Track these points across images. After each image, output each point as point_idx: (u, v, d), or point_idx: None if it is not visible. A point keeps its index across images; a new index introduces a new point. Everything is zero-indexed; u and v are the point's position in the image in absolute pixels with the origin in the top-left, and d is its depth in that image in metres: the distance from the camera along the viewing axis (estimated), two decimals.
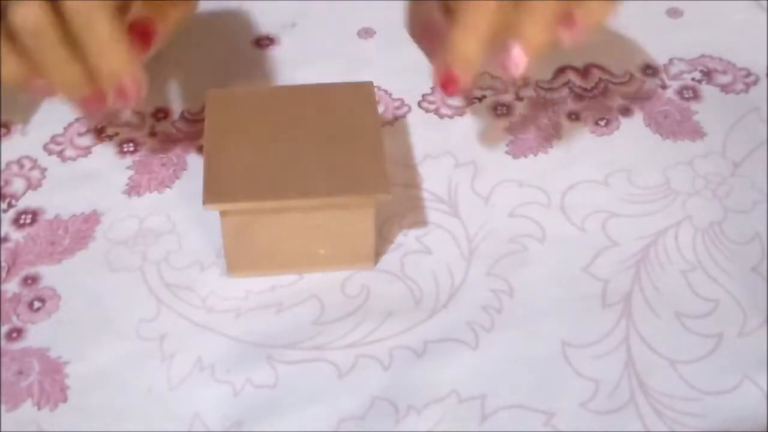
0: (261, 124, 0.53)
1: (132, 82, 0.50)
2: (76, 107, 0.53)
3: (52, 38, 0.49)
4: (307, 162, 0.51)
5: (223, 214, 0.50)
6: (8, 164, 0.58)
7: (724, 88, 0.62)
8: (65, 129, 0.59)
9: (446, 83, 0.51)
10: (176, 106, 0.61)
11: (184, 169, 0.58)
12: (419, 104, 0.61)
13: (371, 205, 0.51)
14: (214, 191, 0.50)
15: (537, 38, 0.50)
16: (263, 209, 0.50)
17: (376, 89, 0.55)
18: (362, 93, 0.55)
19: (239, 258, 0.52)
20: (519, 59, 0.50)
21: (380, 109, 0.59)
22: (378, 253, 0.53)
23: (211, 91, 0.55)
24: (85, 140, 0.59)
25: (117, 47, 0.50)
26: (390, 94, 0.61)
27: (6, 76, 0.51)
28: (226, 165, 0.51)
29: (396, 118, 0.60)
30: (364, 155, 0.51)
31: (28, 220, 0.55)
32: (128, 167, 0.57)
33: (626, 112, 0.60)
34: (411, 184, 0.56)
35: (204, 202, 0.49)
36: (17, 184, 0.57)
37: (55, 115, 0.60)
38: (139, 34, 0.52)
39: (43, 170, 0.57)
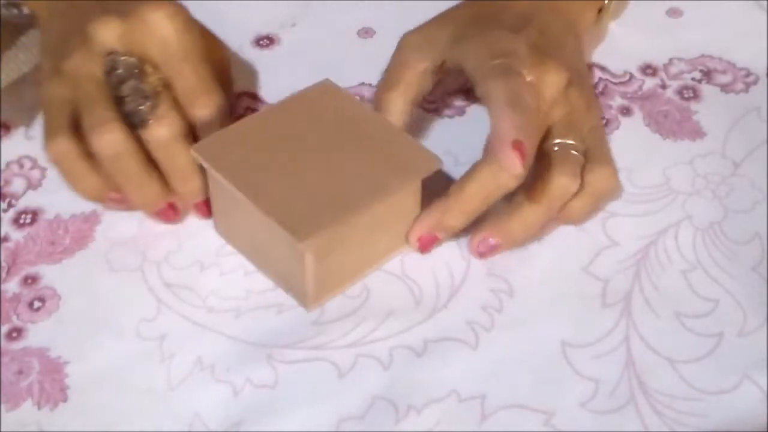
0: (272, 154, 0.51)
1: (207, 203, 0.54)
2: (150, 217, 0.54)
3: (130, 162, 0.51)
4: (345, 170, 0.50)
5: (308, 248, 0.48)
6: (8, 164, 0.58)
7: (724, 88, 0.62)
8: None
9: (425, 245, 0.52)
10: None
11: None
12: (419, 104, 0.61)
13: (419, 183, 0.51)
14: (299, 228, 0.47)
15: (518, 237, 0.52)
16: (346, 228, 0.49)
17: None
18: (329, 91, 0.54)
19: (321, 286, 0.51)
20: (490, 249, 0.52)
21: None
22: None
23: (194, 147, 0.51)
24: None
25: (196, 174, 0.52)
26: None
27: (84, 192, 0.53)
28: (281, 203, 0.49)
29: None
30: (390, 141, 0.51)
31: (28, 220, 0.55)
32: None
33: (626, 111, 0.60)
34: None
35: (300, 241, 0.47)
36: (17, 184, 0.57)
37: None
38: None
39: (43, 170, 0.57)
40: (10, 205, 0.56)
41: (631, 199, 0.56)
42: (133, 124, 0.51)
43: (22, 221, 0.55)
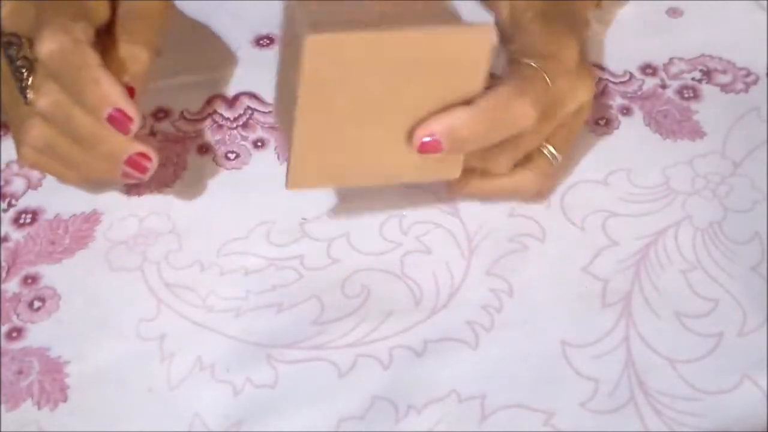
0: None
1: (137, 155, 0.50)
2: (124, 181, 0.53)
3: (62, 147, 0.50)
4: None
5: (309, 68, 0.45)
6: (8, 164, 0.58)
7: (724, 88, 0.62)
8: None
9: (426, 147, 0.48)
10: (176, 106, 0.60)
11: (184, 169, 0.57)
12: None
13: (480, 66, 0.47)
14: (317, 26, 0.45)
15: (461, 138, 0.48)
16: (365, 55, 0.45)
17: None
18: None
19: (308, 161, 0.48)
20: (432, 144, 0.48)
21: None
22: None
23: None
24: None
25: (105, 134, 0.49)
26: None
27: (72, 184, 0.53)
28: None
29: None
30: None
31: (28, 220, 0.55)
32: None
33: (626, 111, 0.60)
34: (411, 183, 0.56)
35: (309, 33, 0.44)
36: (17, 184, 0.57)
37: None
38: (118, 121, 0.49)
39: None
40: (10, 205, 0.56)
41: (631, 199, 0.56)
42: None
43: (22, 221, 0.55)
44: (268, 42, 0.65)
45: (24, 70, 0.49)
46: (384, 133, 0.48)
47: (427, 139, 0.48)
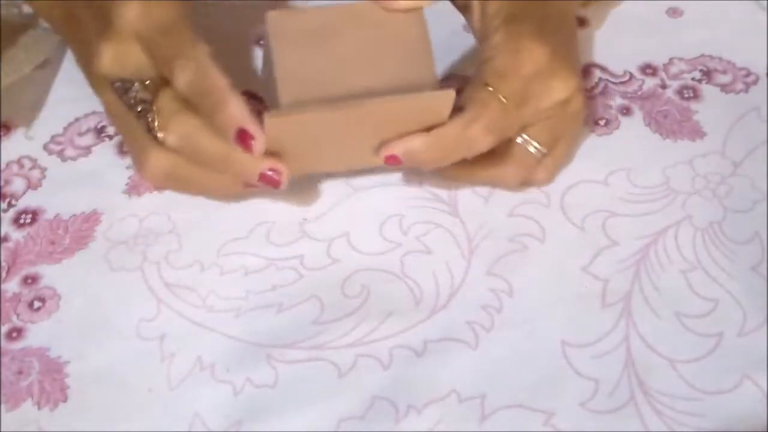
0: (331, 78, 0.52)
1: (266, 170, 0.50)
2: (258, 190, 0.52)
3: (185, 171, 0.51)
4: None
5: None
6: (8, 164, 0.58)
7: (724, 88, 0.62)
8: (65, 129, 0.59)
9: (391, 161, 0.52)
10: None
11: None
12: None
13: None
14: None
15: (420, 159, 0.52)
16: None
17: None
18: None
19: (283, 157, 0.51)
20: (393, 159, 0.51)
21: None
22: None
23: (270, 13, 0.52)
24: (85, 140, 0.59)
25: (234, 155, 0.49)
26: None
27: (218, 195, 0.55)
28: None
29: None
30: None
31: (28, 220, 0.55)
32: (128, 167, 0.57)
33: (626, 111, 0.60)
34: (411, 183, 0.56)
35: (267, 115, 0.48)
36: (17, 184, 0.57)
37: (55, 115, 0.60)
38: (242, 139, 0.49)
39: (43, 170, 0.57)
40: (10, 205, 0.56)
41: (631, 199, 0.56)
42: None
43: (22, 221, 0.55)
44: None
45: (145, 112, 0.51)
46: (351, 148, 0.52)
47: (391, 154, 0.51)
